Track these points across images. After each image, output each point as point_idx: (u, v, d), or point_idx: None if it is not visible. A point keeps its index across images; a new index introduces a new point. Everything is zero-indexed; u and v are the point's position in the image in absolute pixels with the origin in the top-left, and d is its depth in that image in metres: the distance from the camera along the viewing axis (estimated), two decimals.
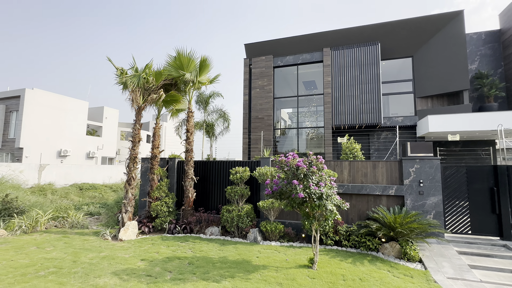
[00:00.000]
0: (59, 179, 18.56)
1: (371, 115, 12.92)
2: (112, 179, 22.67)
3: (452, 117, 10.75)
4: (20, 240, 7.28)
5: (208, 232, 8.12)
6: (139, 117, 8.46)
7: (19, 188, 13.46)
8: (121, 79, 8.12)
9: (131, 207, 8.09)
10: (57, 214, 9.30)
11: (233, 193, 7.99)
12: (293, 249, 6.91)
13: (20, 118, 20.52)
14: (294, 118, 16.55)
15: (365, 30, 13.90)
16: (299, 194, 4.63)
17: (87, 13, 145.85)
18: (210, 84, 9.39)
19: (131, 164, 8.27)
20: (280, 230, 7.39)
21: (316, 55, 14.12)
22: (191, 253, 6.48)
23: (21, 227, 8.03)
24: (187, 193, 8.75)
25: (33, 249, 6.50)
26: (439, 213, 6.87)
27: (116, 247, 6.81)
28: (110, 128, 28.83)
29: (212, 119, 13.37)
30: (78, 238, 7.62)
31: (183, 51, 8.48)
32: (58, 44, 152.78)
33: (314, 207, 4.92)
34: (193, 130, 9.01)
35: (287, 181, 5.08)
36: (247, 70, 15.53)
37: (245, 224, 7.69)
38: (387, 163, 7.53)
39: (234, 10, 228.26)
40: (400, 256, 6.21)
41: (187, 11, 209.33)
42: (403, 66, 14.46)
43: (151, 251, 6.51)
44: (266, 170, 7.64)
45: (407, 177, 7.15)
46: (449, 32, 12.53)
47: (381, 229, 6.29)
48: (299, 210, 5.41)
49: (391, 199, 7.33)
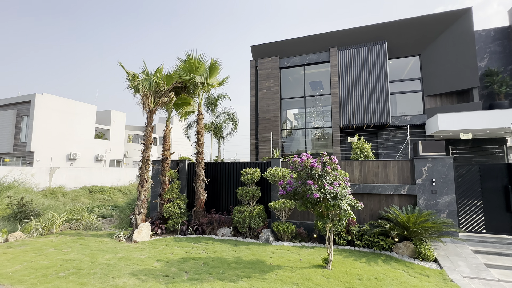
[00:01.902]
0: (69, 182, 18.87)
1: (379, 114, 12.88)
2: (121, 182, 22.94)
3: (462, 115, 10.67)
4: (38, 242, 7.45)
5: (220, 233, 8.19)
6: (151, 120, 8.58)
7: (31, 191, 13.74)
8: (133, 83, 8.26)
9: (144, 209, 8.21)
10: (71, 217, 9.48)
11: (244, 194, 8.05)
12: (306, 249, 6.93)
13: (31, 123, 20.92)
14: (299, 119, 16.57)
15: (372, 29, 13.87)
16: (314, 194, 4.67)
17: (93, 17, 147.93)
18: (219, 86, 9.48)
19: (143, 166, 8.39)
20: (292, 230, 7.43)
21: (323, 55, 14.13)
22: (205, 253, 6.55)
23: (37, 229, 8.21)
24: (198, 194, 8.84)
25: (51, 251, 6.65)
26: (453, 212, 6.83)
27: (131, 248, 6.92)
28: (118, 131, 29.19)
29: (220, 121, 13.45)
30: (93, 239, 7.76)
31: (193, 54, 8.59)
32: (65, 48, 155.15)
33: (329, 207, 4.95)
34: (203, 132, 9.11)
35: (301, 181, 5.12)
36: (253, 71, 15.61)
37: (256, 225, 7.74)
38: (399, 162, 7.51)
39: (238, 11, 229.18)
40: (414, 255, 6.19)
41: (191, 13, 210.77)
42: (410, 64, 14.40)
43: (165, 252, 6.61)
44: (277, 171, 7.69)
45: (419, 176, 7.12)
46: (458, 30, 12.44)
47: (394, 229, 6.28)
48: (312, 210, 5.44)
49: (403, 199, 7.31)
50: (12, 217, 9.12)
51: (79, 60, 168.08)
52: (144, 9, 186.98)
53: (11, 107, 22.72)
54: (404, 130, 13.81)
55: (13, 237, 7.62)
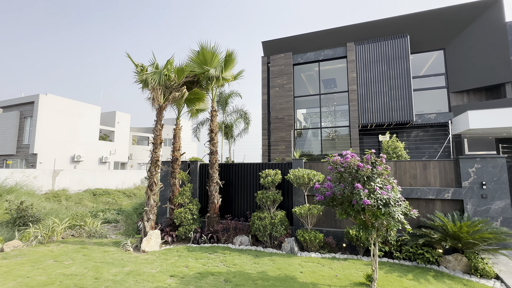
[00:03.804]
0: (72, 185, 18.25)
1: (402, 112, 12.01)
2: (125, 184, 22.29)
3: (498, 112, 9.75)
4: (36, 252, 6.70)
5: (237, 241, 7.38)
6: (160, 117, 7.84)
7: (34, 194, 13.08)
8: (141, 76, 7.53)
9: (154, 215, 7.43)
10: (73, 222, 8.74)
11: (264, 198, 7.24)
12: (338, 261, 6.09)
13: (34, 124, 20.36)
14: (308, 119, 15.78)
15: (391, 22, 13.05)
16: (363, 200, 3.85)
17: (96, 17, 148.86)
18: (234, 81, 8.73)
19: (152, 168, 7.63)
20: (320, 239, 6.59)
21: (339, 51, 13.33)
22: (224, 267, 5.75)
23: (36, 237, 7.47)
24: (212, 198, 8.05)
25: (51, 263, 5.89)
26: (508, 220, 5.95)
27: (140, 260, 6.14)
28: (122, 133, 28.59)
29: (231, 120, 12.69)
30: (97, 249, 6.99)
31: (207, 45, 7.85)
32: (69, 48, 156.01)
33: (378, 215, 4.13)
34: (217, 130, 8.35)
35: (344, 184, 4.31)
36: (265, 68, 14.86)
37: (279, 233, 6.92)
38: (440, 163, 6.65)
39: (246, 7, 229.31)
40: (468, 271, 5.32)
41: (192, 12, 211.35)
42: (432, 59, 13.53)
43: (179, 265, 5.81)
44: (302, 173, 6.87)
45: (466, 179, 6.26)
46: (487, 21, 11.57)
47: (445, 239, 5.41)
48: (354, 218, 4.62)
49: (446, 204, 6.44)
50: (11, 223, 8.41)
51: (84, 61, 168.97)
52: (149, 7, 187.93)
53: (14, 108, 22.22)
54: (427, 129, 12.93)
55: (9, 246, 6.88)
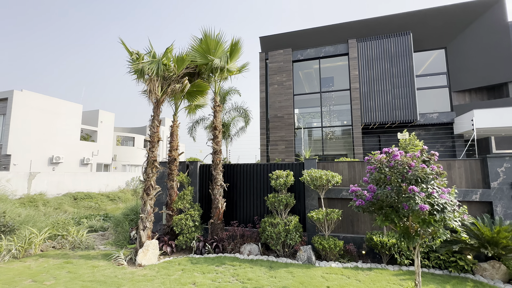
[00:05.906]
0: (51, 188, 16.74)
1: (405, 111, 11.71)
2: (109, 187, 20.89)
3: (505, 111, 9.61)
4: (10, 269, 5.63)
5: (245, 251, 6.62)
6: (158, 111, 6.96)
7: (7, 199, 11.64)
8: (136, 65, 6.63)
9: (150, 223, 6.53)
10: (54, 232, 7.66)
11: (276, 202, 6.54)
12: (363, 272, 5.49)
13: (8, 122, 18.59)
14: (301, 120, 15.26)
15: (394, 19, 12.79)
16: (420, 206, 3.24)
17: (81, 12, 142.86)
18: (238, 74, 7.99)
19: (149, 169, 6.73)
20: (340, 247, 5.97)
21: (341, 48, 12.91)
22: (238, 282, 4.98)
23: (10, 251, 6.37)
24: (216, 203, 7.25)
25: (28, 284, 4.89)
26: None
27: (137, 277, 5.25)
28: (106, 133, 26.94)
29: (229, 118, 11.91)
30: (84, 263, 6.01)
31: (211, 32, 7.06)
32: (50, 44, 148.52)
33: (431, 222, 3.54)
34: (221, 127, 7.56)
35: (390, 186, 3.70)
36: (263, 65, 14.21)
37: (294, 241, 6.24)
38: (465, 162, 6.23)
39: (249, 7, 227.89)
40: (508, 279, 4.87)
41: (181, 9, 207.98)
42: (432, 58, 13.41)
43: (185, 282, 4.98)
44: (320, 174, 6.23)
45: (495, 179, 5.86)
46: (489, 20, 11.52)
47: (484, 246, 4.94)
48: (394, 226, 4.02)
49: (474, 206, 6.02)
50: None
51: (67, 59, 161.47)
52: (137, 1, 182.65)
53: None
54: (429, 128, 12.74)
55: None
